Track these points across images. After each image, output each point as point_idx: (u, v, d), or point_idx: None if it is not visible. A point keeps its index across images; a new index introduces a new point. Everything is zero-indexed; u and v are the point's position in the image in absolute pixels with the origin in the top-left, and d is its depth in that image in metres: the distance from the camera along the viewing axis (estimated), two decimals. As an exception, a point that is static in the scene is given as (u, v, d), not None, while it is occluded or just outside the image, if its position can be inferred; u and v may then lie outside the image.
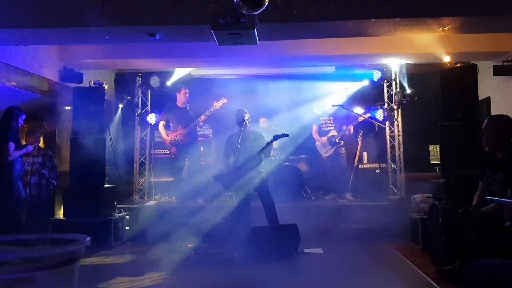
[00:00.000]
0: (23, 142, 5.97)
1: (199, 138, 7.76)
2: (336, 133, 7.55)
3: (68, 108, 7.56)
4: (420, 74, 8.02)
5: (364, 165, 8.33)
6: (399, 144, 8.15)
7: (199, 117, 7.15)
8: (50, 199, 6.47)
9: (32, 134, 6.26)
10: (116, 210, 6.44)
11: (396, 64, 7.98)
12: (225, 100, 7.18)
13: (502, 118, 3.71)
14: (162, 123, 7.38)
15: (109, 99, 8.23)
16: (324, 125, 7.70)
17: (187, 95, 7.36)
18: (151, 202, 7.43)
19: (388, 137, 8.33)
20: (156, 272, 4.62)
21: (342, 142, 7.53)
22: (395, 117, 8.17)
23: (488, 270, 1.86)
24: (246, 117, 5.84)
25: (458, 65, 5.90)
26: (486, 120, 3.67)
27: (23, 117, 5.66)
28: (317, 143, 7.70)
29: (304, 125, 7.89)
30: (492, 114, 3.80)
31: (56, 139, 7.42)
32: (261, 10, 4.02)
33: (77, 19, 4.92)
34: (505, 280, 1.82)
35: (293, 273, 4.53)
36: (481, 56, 7.12)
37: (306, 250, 5.41)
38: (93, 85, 6.62)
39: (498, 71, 6.86)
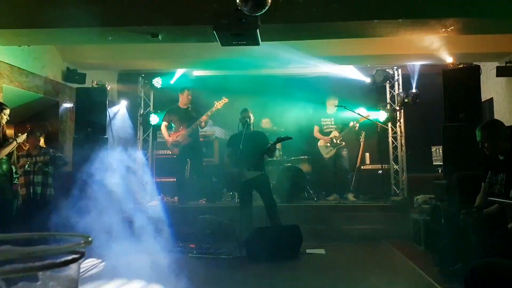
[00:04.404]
0: (24, 143, 5.94)
1: (200, 139, 7.76)
2: (337, 134, 7.54)
3: (71, 108, 7.58)
4: (422, 75, 8.00)
5: (367, 166, 8.31)
6: (401, 145, 8.15)
7: (201, 118, 7.15)
8: (55, 199, 6.46)
9: (32, 134, 6.25)
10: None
11: (398, 65, 7.99)
12: (226, 100, 7.18)
13: (492, 125, 3.72)
14: (164, 124, 7.38)
15: (112, 100, 8.25)
16: (325, 126, 7.69)
17: (190, 96, 7.36)
18: (153, 202, 7.43)
19: (390, 138, 8.32)
20: (157, 272, 4.62)
21: (343, 143, 7.52)
22: (398, 118, 8.17)
23: (492, 271, 1.85)
24: (250, 117, 5.84)
25: (461, 66, 5.89)
26: (479, 131, 3.66)
27: (6, 111, 5.33)
28: (319, 143, 7.69)
29: (306, 125, 7.88)
30: (482, 123, 3.81)
31: (59, 139, 7.44)
32: (263, 11, 4.02)
33: (80, 19, 4.93)
34: (508, 281, 1.81)
35: (295, 273, 4.53)
36: (484, 57, 7.10)
37: (308, 251, 5.40)
38: (96, 86, 6.63)
39: (501, 72, 6.83)
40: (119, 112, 8.57)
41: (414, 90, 7.81)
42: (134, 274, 4.58)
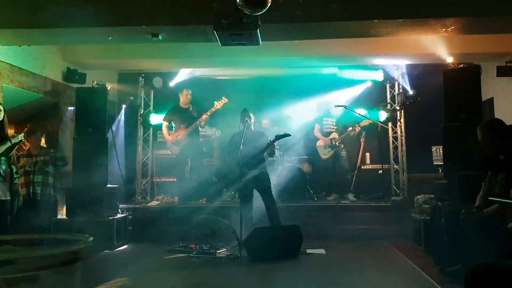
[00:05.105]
0: (25, 142, 5.93)
1: (200, 139, 7.76)
2: (337, 136, 7.53)
3: (71, 108, 7.58)
4: (423, 75, 8.00)
5: (367, 165, 8.31)
6: (401, 145, 8.15)
7: (201, 117, 7.15)
8: (56, 199, 6.47)
9: (34, 133, 6.26)
10: (119, 210, 6.46)
11: (399, 65, 7.99)
12: (226, 100, 7.18)
13: (493, 124, 3.71)
14: (165, 124, 7.38)
15: (112, 100, 8.25)
16: (326, 126, 7.68)
17: (189, 96, 7.36)
18: (154, 202, 7.43)
19: (390, 138, 8.32)
20: (158, 272, 4.63)
21: (342, 146, 7.51)
22: (398, 117, 8.17)
23: (492, 272, 1.85)
24: (250, 117, 5.84)
25: (461, 66, 5.89)
26: (480, 130, 3.65)
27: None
28: (317, 143, 7.69)
29: (307, 125, 7.88)
30: (482, 123, 3.81)
31: (59, 139, 7.44)
32: (263, 11, 4.02)
33: (80, 19, 4.94)
34: (508, 282, 1.81)
35: (295, 273, 4.53)
36: (484, 57, 7.10)
37: (308, 251, 5.40)
38: (96, 86, 6.63)
39: (501, 72, 6.83)
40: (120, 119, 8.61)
41: (411, 93, 7.83)
42: (135, 274, 4.59)
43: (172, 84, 8.32)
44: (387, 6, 4.99)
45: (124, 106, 8.64)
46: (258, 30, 4.48)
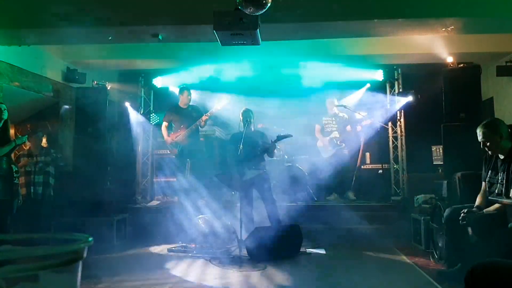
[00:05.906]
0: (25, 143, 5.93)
1: (201, 139, 7.76)
2: (338, 135, 7.53)
3: (71, 108, 7.58)
4: (423, 74, 8.00)
5: (367, 165, 8.31)
6: (401, 144, 8.14)
7: (201, 118, 7.15)
8: (56, 199, 6.47)
9: (35, 134, 6.27)
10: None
11: (398, 65, 7.99)
12: (226, 101, 7.18)
13: (493, 123, 3.71)
14: (164, 124, 7.36)
15: (112, 99, 8.24)
16: (326, 126, 7.69)
17: (189, 97, 7.34)
18: (154, 202, 7.43)
19: (390, 137, 8.32)
20: (158, 272, 4.63)
21: (344, 145, 7.51)
22: (398, 117, 8.16)
23: (492, 271, 1.85)
24: (251, 117, 5.84)
25: (461, 65, 5.89)
26: (480, 130, 3.65)
27: (3, 108, 5.07)
28: (318, 143, 7.68)
29: (306, 125, 7.87)
30: (482, 122, 3.79)
31: (59, 139, 7.44)
32: (264, 10, 4.02)
33: (80, 19, 4.94)
34: (508, 282, 1.81)
35: (295, 273, 4.53)
36: (484, 56, 7.10)
37: (308, 250, 5.40)
38: (96, 85, 6.63)
39: (501, 71, 6.84)
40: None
41: (410, 98, 7.83)
42: (134, 273, 4.59)
43: (171, 84, 8.30)
44: (386, 5, 5.00)
45: (128, 103, 8.62)
46: (258, 30, 4.48)
